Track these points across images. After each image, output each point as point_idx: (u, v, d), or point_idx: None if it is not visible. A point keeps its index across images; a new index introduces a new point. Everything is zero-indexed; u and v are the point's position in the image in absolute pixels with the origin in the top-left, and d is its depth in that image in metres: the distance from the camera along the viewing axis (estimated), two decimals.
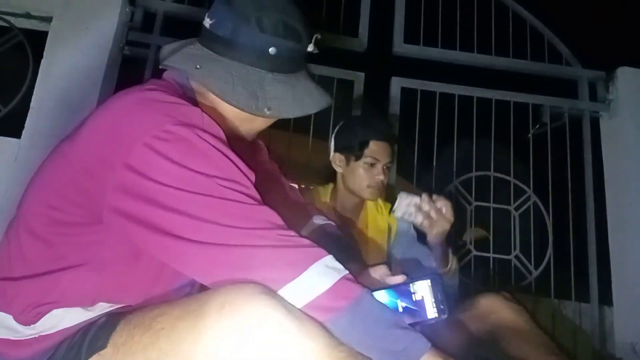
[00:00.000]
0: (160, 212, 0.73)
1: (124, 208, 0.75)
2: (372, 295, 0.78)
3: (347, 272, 0.77)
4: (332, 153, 1.67)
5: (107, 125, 0.80)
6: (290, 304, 0.71)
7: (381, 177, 1.57)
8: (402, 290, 0.86)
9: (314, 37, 0.94)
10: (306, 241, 0.78)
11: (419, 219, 1.32)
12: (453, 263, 1.46)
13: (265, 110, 0.88)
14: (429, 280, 0.85)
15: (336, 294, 0.73)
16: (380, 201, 1.73)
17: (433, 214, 1.31)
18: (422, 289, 0.85)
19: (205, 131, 0.79)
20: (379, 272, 0.96)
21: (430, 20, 2.45)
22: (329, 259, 0.76)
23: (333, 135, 1.70)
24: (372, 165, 1.57)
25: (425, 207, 1.31)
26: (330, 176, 1.72)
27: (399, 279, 0.91)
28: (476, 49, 2.46)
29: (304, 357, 0.67)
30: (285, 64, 0.92)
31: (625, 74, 2.47)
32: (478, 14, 2.47)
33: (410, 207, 1.31)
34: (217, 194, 0.74)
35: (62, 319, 0.81)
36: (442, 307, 0.83)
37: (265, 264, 0.73)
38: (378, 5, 2.40)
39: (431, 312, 0.83)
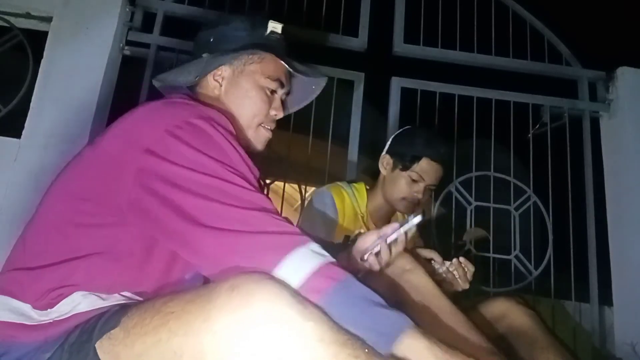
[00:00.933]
0: (174, 191, 0.82)
1: (142, 187, 0.83)
2: (357, 280, 0.82)
3: (333, 258, 0.82)
4: (384, 152, 1.65)
5: (133, 123, 0.91)
6: (294, 289, 0.74)
7: (419, 195, 1.56)
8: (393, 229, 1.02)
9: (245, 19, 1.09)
10: (297, 229, 0.85)
11: (441, 278, 1.39)
12: None
13: (211, 70, 1.06)
14: (412, 216, 1.00)
15: (322, 275, 0.78)
16: (406, 216, 1.73)
17: (458, 276, 1.36)
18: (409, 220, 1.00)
19: (221, 126, 0.90)
20: (374, 233, 1.04)
21: (430, 20, 2.45)
22: (316, 246, 0.82)
23: (392, 137, 1.67)
24: (415, 181, 1.56)
25: (452, 268, 1.37)
26: (373, 175, 1.70)
27: (394, 226, 1.01)
28: (476, 49, 2.46)
29: (308, 339, 0.69)
30: (226, 44, 1.07)
31: (625, 74, 2.47)
32: (478, 14, 2.47)
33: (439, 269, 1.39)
34: (224, 177, 0.83)
35: (79, 304, 0.84)
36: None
37: (258, 246, 0.80)
38: (378, 5, 2.40)
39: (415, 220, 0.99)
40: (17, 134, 1.94)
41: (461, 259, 1.38)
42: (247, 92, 1.05)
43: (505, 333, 1.34)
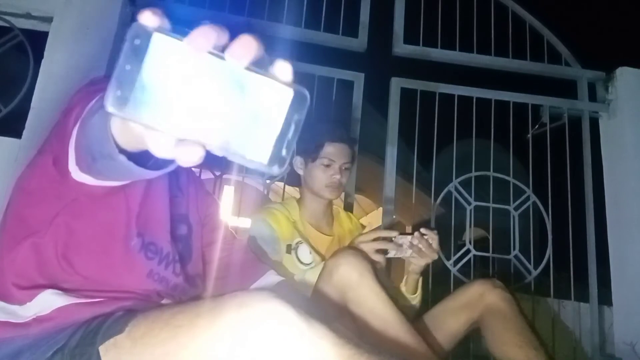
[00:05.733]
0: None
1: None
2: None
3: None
4: (295, 157, 1.70)
5: None
6: (299, 308, 0.74)
7: (337, 176, 1.63)
8: None
9: None
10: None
11: (408, 253, 1.43)
12: (419, 293, 1.55)
13: None
14: None
15: None
16: (351, 214, 1.81)
17: (423, 248, 1.41)
18: None
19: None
20: None
21: (430, 20, 2.46)
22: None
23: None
24: (327, 165, 1.62)
25: (415, 241, 1.40)
26: (298, 183, 1.76)
27: None
28: (476, 49, 2.46)
29: (314, 354, 0.71)
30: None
31: (624, 74, 2.48)
32: (477, 14, 2.47)
33: (403, 246, 1.42)
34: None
35: (55, 300, 0.85)
36: None
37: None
38: (378, 5, 2.40)
39: None
40: (17, 134, 1.94)
41: (422, 230, 1.42)
42: None
43: (482, 315, 1.39)
